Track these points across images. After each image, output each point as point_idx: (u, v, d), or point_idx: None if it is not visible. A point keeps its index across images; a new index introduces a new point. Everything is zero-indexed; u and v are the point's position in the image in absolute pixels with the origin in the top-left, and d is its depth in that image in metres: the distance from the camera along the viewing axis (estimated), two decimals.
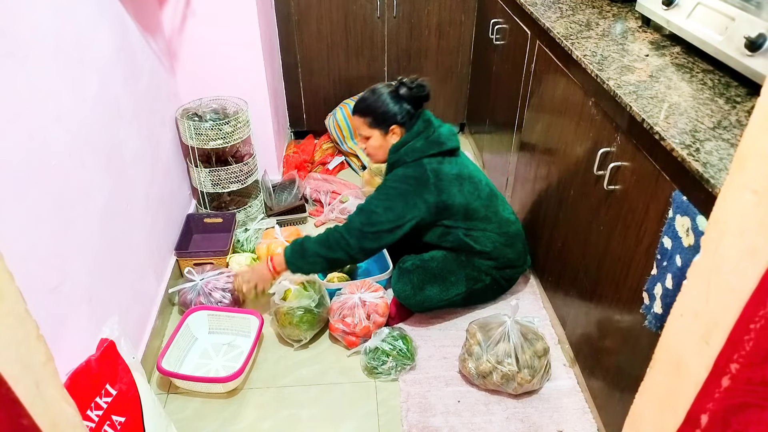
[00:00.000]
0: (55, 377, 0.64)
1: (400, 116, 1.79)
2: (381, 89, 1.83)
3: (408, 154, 1.79)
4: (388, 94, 1.80)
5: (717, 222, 0.62)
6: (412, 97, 1.80)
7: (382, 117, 1.80)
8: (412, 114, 1.81)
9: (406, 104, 1.80)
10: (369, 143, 1.85)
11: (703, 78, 1.39)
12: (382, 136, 1.82)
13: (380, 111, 1.80)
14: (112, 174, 1.58)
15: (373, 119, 1.81)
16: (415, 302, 1.86)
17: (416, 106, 1.82)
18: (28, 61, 1.18)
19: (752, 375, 0.58)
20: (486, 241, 1.86)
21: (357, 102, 1.86)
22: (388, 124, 1.80)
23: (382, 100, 1.80)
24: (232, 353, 1.86)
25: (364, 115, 1.83)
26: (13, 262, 0.60)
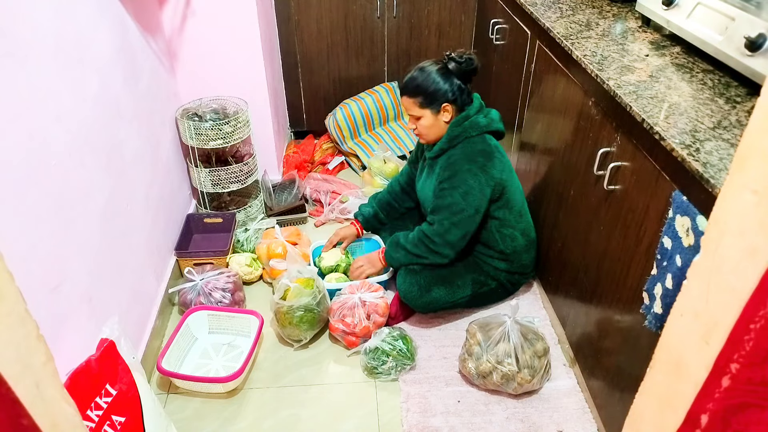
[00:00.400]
0: (55, 377, 0.64)
1: (452, 93, 1.74)
2: (429, 66, 1.76)
3: (473, 128, 1.76)
4: (438, 71, 1.75)
5: (717, 222, 0.62)
6: (461, 72, 1.75)
7: (434, 95, 1.74)
8: (463, 89, 1.76)
9: (456, 80, 1.75)
10: (420, 123, 1.79)
11: (703, 78, 1.39)
12: (434, 115, 1.77)
13: (431, 89, 1.74)
14: (112, 174, 1.58)
15: (424, 98, 1.75)
16: (420, 303, 1.86)
17: (466, 81, 1.77)
18: (28, 61, 1.18)
19: (752, 375, 0.58)
20: (509, 242, 1.87)
21: (406, 81, 1.79)
22: (440, 102, 1.75)
23: (432, 78, 1.74)
24: (232, 353, 1.86)
25: (414, 95, 1.76)
26: (13, 262, 0.60)
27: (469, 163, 1.74)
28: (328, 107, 2.90)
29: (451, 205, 1.74)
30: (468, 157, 1.75)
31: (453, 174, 1.75)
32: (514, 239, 1.87)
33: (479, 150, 1.75)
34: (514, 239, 1.87)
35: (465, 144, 1.76)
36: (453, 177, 1.75)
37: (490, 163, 1.75)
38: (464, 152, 1.76)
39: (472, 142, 1.76)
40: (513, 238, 1.87)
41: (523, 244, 1.89)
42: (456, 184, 1.74)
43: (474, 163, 1.74)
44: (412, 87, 1.77)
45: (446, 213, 1.75)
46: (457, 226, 1.76)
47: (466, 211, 1.74)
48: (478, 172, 1.74)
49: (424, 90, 1.74)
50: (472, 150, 1.75)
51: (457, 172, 1.74)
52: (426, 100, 1.75)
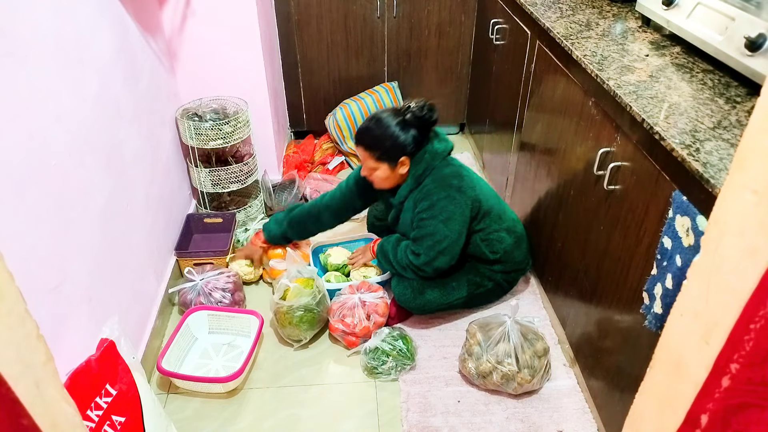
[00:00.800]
0: (55, 377, 0.64)
1: (410, 147, 1.70)
2: (387, 119, 1.70)
3: (434, 158, 1.74)
4: (396, 125, 1.69)
5: (717, 222, 0.62)
6: (420, 124, 1.70)
7: (391, 150, 1.70)
8: (420, 141, 1.72)
9: (413, 131, 1.70)
10: (375, 174, 1.76)
11: (703, 78, 1.39)
12: (390, 168, 1.73)
13: (388, 144, 1.69)
14: (112, 174, 1.58)
15: (381, 153, 1.71)
16: (415, 306, 1.86)
17: (424, 133, 1.73)
18: (28, 61, 1.18)
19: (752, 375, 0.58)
20: (498, 245, 1.86)
21: (361, 133, 1.73)
22: (398, 157, 1.71)
23: (389, 133, 1.68)
24: (232, 353, 1.86)
25: (370, 149, 1.72)
26: (13, 262, 0.60)
27: (445, 189, 1.72)
28: (328, 107, 2.90)
29: (434, 234, 1.72)
30: (441, 184, 1.73)
31: (431, 204, 1.72)
32: (502, 241, 1.87)
33: (449, 174, 1.74)
34: (502, 241, 1.87)
35: (433, 174, 1.74)
36: (432, 207, 1.72)
37: (464, 183, 1.75)
38: (435, 180, 1.73)
39: (439, 169, 1.74)
40: (500, 240, 1.87)
41: (511, 242, 1.89)
42: (435, 213, 1.72)
43: (450, 188, 1.72)
44: (369, 139, 1.71)
45: (430, 242, 1.73)
46: (443, 254, 1.75)
47: (450, 237, 1.73)
48: (456, 196, 1.73)
49: (381, 144, 1.69)
50: (443, 176, 1.74)
51: (436, 201, 1.72)
52: (383, 154, 1.71)
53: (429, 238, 1.73)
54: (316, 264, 2.14)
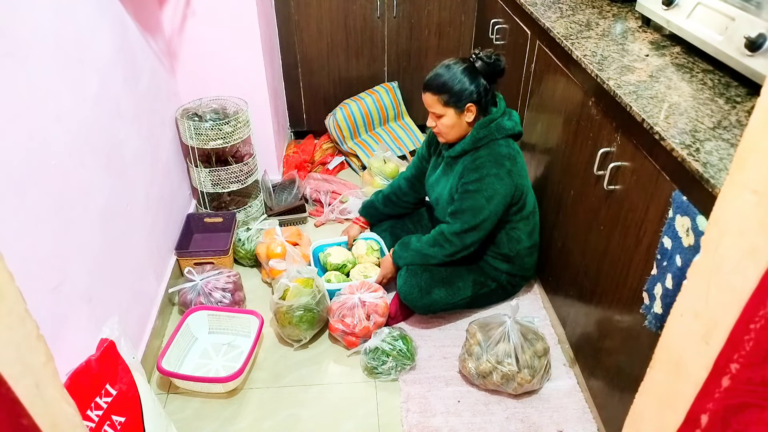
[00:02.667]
0: (55, 377, 0.64)
1: (477, 94, 1.70)
2: (455, 65, 1.71)
3: (499, 131, 1.73)
4: (464, 70, 1.69)
5: (717, 222, 0.62)
6: (488, 73, 1.70)
7: (459, 95, 1.69)
8: (488, 90, 1.72)
9: (482, 80, 1.70)
10: (441, 122, 1.74)
11: (703, 78, 1.39)
12: (457, 114, 1.72)
13: (457, 88, 1.69)
14: (112, 174, 1.58)
15: (449, 97, 1.70)
16: (421, 305, 1.86)
17: (492, 82, 1.73)
18: (28, 61, 1.18)
19: (752, 375, 0.58)
20: (514, 244, 1.87)
21: (430, 78, 1.74)
22: (465, 102, 1.70)
23: (458, 77, 1.69)
24: (232, 353, 1.86)
25: (438, 93, 1.71)
26: (13, 262, 0.60)
27: (497, 167, 1.71)
28: (328, 107, 2.90)
29: (474, 209, 1.73)
30: (495, 160, 1.72)
31: (480, 177, 1.72)
32: (519, 241, 1.87)
33: (505, 154, 1.73)
34: (519, 241, 1.87)
35: (490, 146, 1.74)
36: (480, 180, 1.72)
37: (515, 168, 1.74)
38: (491, 155, 1.73)
39: (498, 145, 1.73)
40: (518, 240, 1.87)
41: (527, 246, 1.89)
42: (482, 187, 1.72)
43: (501, 167, 1.72)
44: (437, 84, 1.71)
45: (469, 215, 1.73)
46: (477, 230, 1.75)
47: (488, 214, 1.74)
48: (505, 177, 1.72)
49: (450, 88, 1.69)
50: (499, 153, 1.73)
51: (485, 175, 1.71)
52: (451, 98, 1.70)
53: (469, 211, 1.73)
54: (316, 264, 2.14)
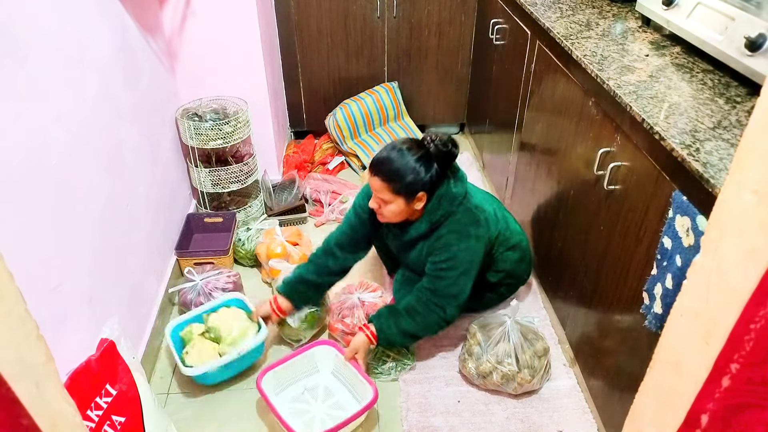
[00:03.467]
0: (55, 377, 0.64)
1: (430, 183, 1.58)
2: (408, 151, 1.57)
3: (452, 203, 1.63)
4: (419, 159, 1.56)
5: (717, 222, 0.62)
6: (443, 158, 1.59)
7: (411, 185, 1.56)
8: (440, 176, 1.61)
9: (435, 166, 1.58)
10: (387, 207, 1.61)
11: (703, 78, 1.39)
12: (406, 203, 1.60)
13: (409, 179, 1.55)
14: (112, 174, 1.58)
15: (400, 186, 1.56)
16: None
17: (445, 167, 1.61)
18: (28, 61, 1.18)
19: (752, 375, 0.58)
20: (502, 264, 1.85)
21: (379, 162, 1.59)
22: (416, 191, 1.58)
23: (411, 166, 1.55)
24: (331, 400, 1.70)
25: (388, 181, 1.57)
26: (13, 262, 0.60)
27: (465, 240, 1.63)
28: (328, 107, 2.90)
29: (455, 286, 1.64)
30: (459, 234, 1.63)
31: (451, 256, 1.62)
32: (506, 260, 1.84)
33: (466, 221, 1.64)
34: (506, 260, 1.84)
35: (449, 223, 1.64)
36: (452, 259, 1.62)
37: (481, 230, 1.66)
38: (453, 231, 1.63)
39: (455, 216, 1.64)
40: (504, 260, 1.84)
41: (516, 258, 1.86)
42: (456, 264, 1.62)
43: (469, 238, 1.64)
44: (388, 171, 1.57)
45: (451, 295, 1.64)
46: (462, 302, 1.68)
47: (469, 286, 1.66)
48: (475, 244, 1.65)
49: (402, 177, 1.56)
50: (461, 225, 1.63)
51: (456, 253, 1.62)
52: (402, 188, 1.57)
53: (451, 288, 1.64)
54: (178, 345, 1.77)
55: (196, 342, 1.71)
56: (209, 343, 1.71)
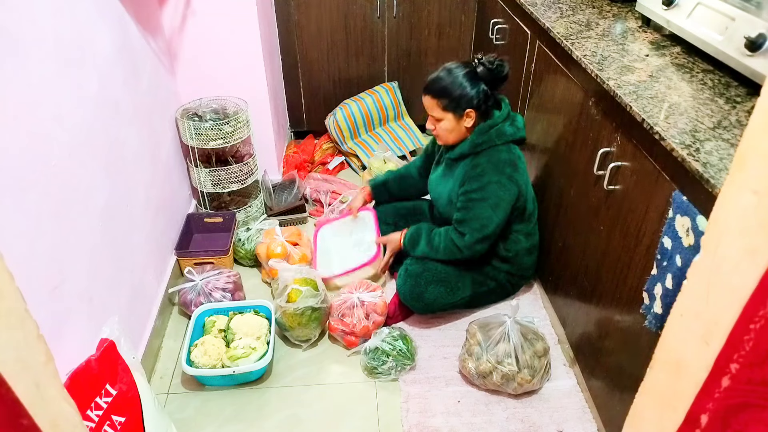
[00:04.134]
0: (55, 377, 0.64)
1: (477, 100, 1.68)
2: (457, 69, 1.70)
3: (499, 137, 1.71)
4: (465, 75, 1.68)
5: (717, 222, 0.62)
6: (490, 78, 1.68)
7: (458, 100, 1.68)
8: (489, 96, 1.70)
9: (483, 86, 1.68)
10: (440, 125, 1.74)
11: (703, 78, 1.39)
12: (456, 119, 1.71)
13: (456, 94, 1.68)
14: (112, 174, 1.58)
15: (449, 102, 1.69)
16: (420, 305, 1.86)
17: (493, 87, 1.71)
18: (28, 61, 1.18)
19: (752, 375, 0.58)
20: (512, 245, 1.87)
21: (431, 81, 1.73)
22: (464, 107, 1.69)
23: (459, 82, 1.67)
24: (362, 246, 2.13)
25: (438, 97, 1.70)
26: (13, 262, 0.60)
27: (498, 174, 1.71)
28: (328, 107, 2.90)
29: (481, 218, 1.72)
30: (496, 167, 1.71)
31: (482, 186, 1.71)
32: (518, 242, 1.87)
33: (506, 160, 1.72)
34: (518, 242, 1.87)
35: (490, 152, 1.72)
36: (482, 189, 1.71)
37: (516, 174, 1.73)
38: (491, 162, 1.72)
39: (498, 151, 1.72)
40: (516, 242, 1.87)
41: (526, 246, 1.89)
42: (486, 195, 1.71)
43: (502, 174, 1.71)
44: (437, 88, 1.71)
45: (476, 225, 1.73)
46: (487, 239, 1.76)
47: (497, 223, 1.73)
48: (507, 183, 1.72)
49: (450, 93, 1.69)
50: (499, 160, 1.72)
51: (486, 184, 1.70)
52: (450, 103, 1.69)
53: (477, 221, 1.72)
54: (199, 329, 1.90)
55: (208, 340, 1.75)
56: (218, 345, 1.74)
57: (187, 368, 1.67)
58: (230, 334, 1.79)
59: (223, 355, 1.72)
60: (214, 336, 1.79)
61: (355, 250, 2.16)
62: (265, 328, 1.81)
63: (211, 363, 1.69)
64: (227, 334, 1.80)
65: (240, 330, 1.79)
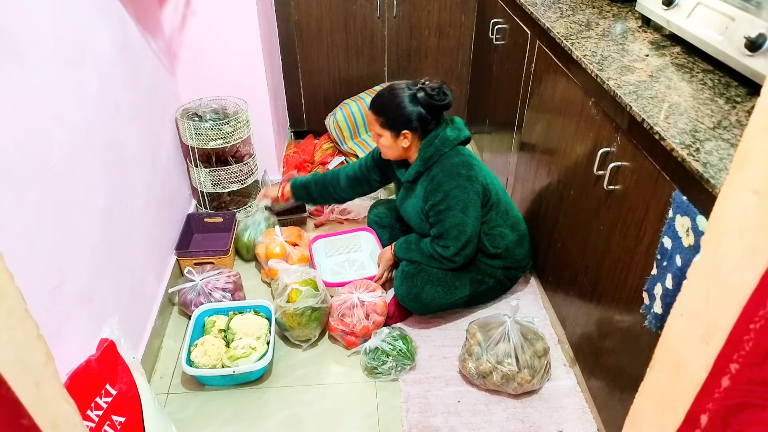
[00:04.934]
0: (55, 377, 0.64)
1: (414, 123, 1.74)
2: (399, 90, 1.75)
3: (444, 144, 1.76)
4: (406, 97, 1.73)
5: (717, 222, 0.62)
6: (428, 105, 1.73)
7: (395, 120, 1.75)
8: (428, 120, 1.75)
9: (421, 110, 1.73)
10: (380, 141, 1.82)
11: (703, 78, 1.39)
12: (393, 138, 1.78)
13: (393, 114, 1.74)
14: (112, 174, 1.58)
15: (385, 120, 1.76)
16: (418, 306, 1.86)
17: (433, 114, 1.75)
18: (28, 61, 1.18)
19: (752, 375, 0.58)
20: (500, 241, 1.88)
21: (374, 97, 1.80)
22: (399, 128, 1.75)
23: (397, 102, 1.73)
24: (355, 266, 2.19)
25: (377, 113, 1.78)
26: (13, 262, 0.60)
27: (455, 179, 1.74)
28: (328, 107, 2.90)
29: (457, 225, 1.75)
30: (450, 173, 1.75)
31: (444, 196, 1.75)
32: (504, 237, 1.88)
33: (457, 163, 1.76)
34: (504, 237, 1.88)
35: (441, 162, 1.77)
36: (446, 198, 1.75)
37: (473, 172, 1.77)
38: (444, 170, 1.76)
39: (448, 157, 1.76)
40: (502, 236, 1.88)
41: (514, 239, 1.90)
42: (451, 204, 1.74)
43: (459, 177, 1.75)
44: (378, 105, 1.77)
45: (455, 233, 1.75)
46: (469, 244, 1.78)
47: (472, 224, 1.76)
48: (466, 185, 1.75)
49: (387, 112, 1.75)
50: (451, 165, 1.76)
51: (448, 192, 1.74)
52: (387, 122, 1.76)
53: (453, 229, 1.75)
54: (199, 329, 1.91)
55: (208, 340, 1.76)
56: (218, 345, 1.74)
57: (187, 368, 1.67)
58: (230, 334, 1.79)
59: (223, 355, 1.72)
60: (214, 336, 1.79)
61: (347, 267, 2.21)
62: (265, 328, 1.81)
63: (211, 363, 1.69)
64: (227, 334, 1.80)
65: (240, 330, 1.79)
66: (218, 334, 1.80)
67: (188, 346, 1.75)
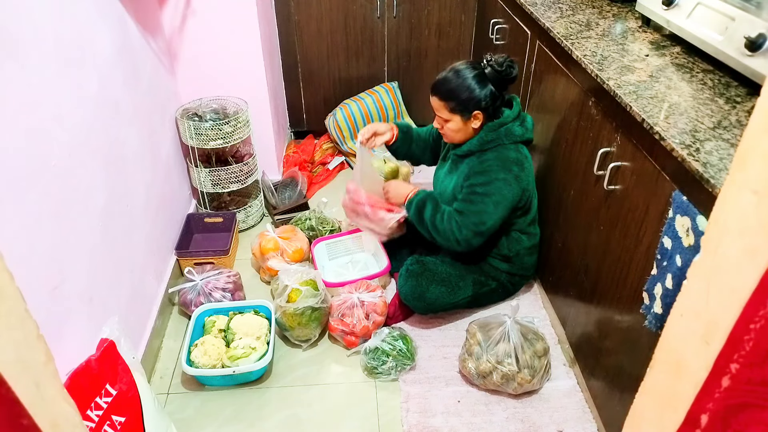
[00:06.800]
0: (55, 377, 0.64)
1: (485, 102, 1.69)
2: (465, 71, 1.70)
3: (507, 136, 1.73)
4: (474, 78, 1.68)
5: (717, 222, 0.62)
6: (498, 80, 1.69)
7: (466, 103, 1.69)
8: (497, 97, 1.71)
9: (491, 87, 1.69)
10: (447, 126, 1.76)
11: (703, 78, 1.39)
12: (463, 121, 1.73)
13: (464, 97, 1.68)
14: (112, 174, 1.58)
15: (456, 104, 1.70)
16: (421, 306, 1.86)
17: (501, 89, 1.71)
18: (28, 61, 1.18)
19: (752, 375, 0.58)
20: (515, 245, 1.87)
21: (438, 83, 1.73)
22: (471, 110, 1.70)
23: (467, 85, 1.68)
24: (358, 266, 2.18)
25: (445, 99, 1.71)
26: (13, 262, 0.60)
27: (504, 171, 1.71)
28: (328, 107, 2.90)
29: (481, 214, 1.71)
30: (503, 164, 1.71)
31: (487, 181, 1.71)
32: (520, 242, 1.87)
33: (514, 158, 1.73)
34: (520, 242, 1.87)
35: (499, 150, 1.73)
36: (488, 183, 1.71)
37: (523, 174, 1.74)
38: (499, 158, 1.72)
39: (506, 149, 1.73)
40: (519, 241, 1.87)
41: (527, 246, 1.89)
42: (490, 191, 1.70)
43: (509, 172, 1.71)
44: (445, 90, 1.71)
45: (475, 220, 1.71)
46: (483, 234, 1.75)
47: (494, 221, 1.73)
48: (513, 182, 1.72)
49: (457, 96, 1.69)
50: (507, 157, 1.72)
51: (492, 180, 1.71)
52: (458, 106, 1.70)
53: (476, 215, 1.71)
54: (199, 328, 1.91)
55: (208, 340, 1.75)
56: (218, 345, 1.74)
57: (187, 368, 1.67)
58: (230, 334, 1.79)
59: (223, 355, 1.72)
60: (214, 336, 1.79)
61: (350, 268, 2.19)
62: (265, 328, 1.81)
63: (211, 363, 1.69)
64: (227, 334, 1.80)
65: (240, 330, 1.79)
66: (218, 334, 1.80)
67: (188, 346, 1.75)
